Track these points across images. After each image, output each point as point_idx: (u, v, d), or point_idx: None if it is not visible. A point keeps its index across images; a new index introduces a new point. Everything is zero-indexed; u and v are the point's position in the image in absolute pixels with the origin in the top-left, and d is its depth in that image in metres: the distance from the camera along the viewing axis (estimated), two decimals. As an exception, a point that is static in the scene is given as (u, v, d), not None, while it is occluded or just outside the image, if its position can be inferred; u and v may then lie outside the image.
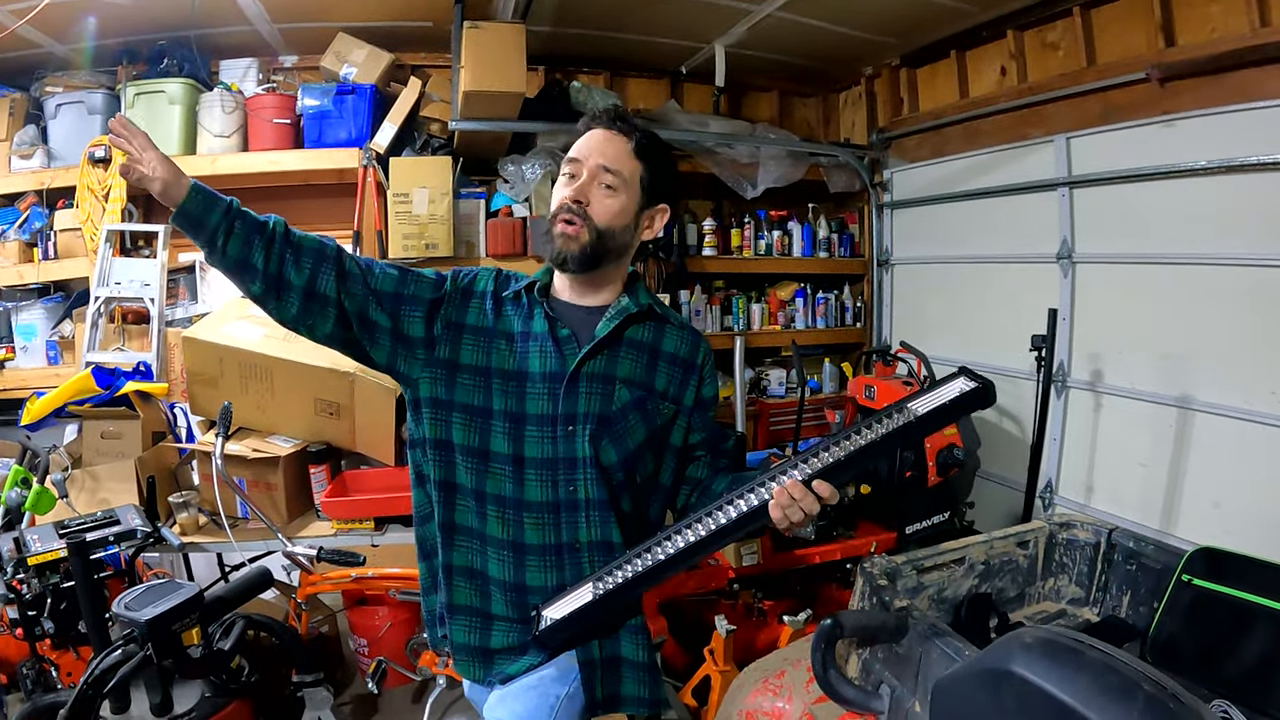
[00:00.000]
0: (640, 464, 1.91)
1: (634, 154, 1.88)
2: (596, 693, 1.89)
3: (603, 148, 1.87)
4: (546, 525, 1.86)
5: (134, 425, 3.59)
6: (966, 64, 4.93)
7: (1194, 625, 2.13)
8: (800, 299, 5.80)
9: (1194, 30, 3.63)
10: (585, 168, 1.85)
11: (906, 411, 1.61)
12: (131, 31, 4.39)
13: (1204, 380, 3.64)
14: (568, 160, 1.89)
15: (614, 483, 1.88)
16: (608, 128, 1.89)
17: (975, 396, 1.60)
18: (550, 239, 1.86)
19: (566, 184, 1.87)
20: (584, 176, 1.85)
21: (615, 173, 1.85)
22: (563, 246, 1.84)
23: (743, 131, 5.34)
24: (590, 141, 1.89)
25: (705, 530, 1.71)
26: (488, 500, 1.87)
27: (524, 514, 1.85)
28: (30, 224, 4.46)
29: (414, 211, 4.39)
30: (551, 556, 1.87)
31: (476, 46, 3.97)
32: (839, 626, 1.63)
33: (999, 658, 1.28)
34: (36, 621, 2.79)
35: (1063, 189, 4.24)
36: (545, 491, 1.85)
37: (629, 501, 1.93)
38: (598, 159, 1.85)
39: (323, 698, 3.02)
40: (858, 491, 3.94)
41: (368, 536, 3.43)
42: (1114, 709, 1.12)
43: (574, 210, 1.83)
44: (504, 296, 1.94)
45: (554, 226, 1.86)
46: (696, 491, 2.00)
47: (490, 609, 1.91)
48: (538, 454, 1.84)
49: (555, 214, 1.86)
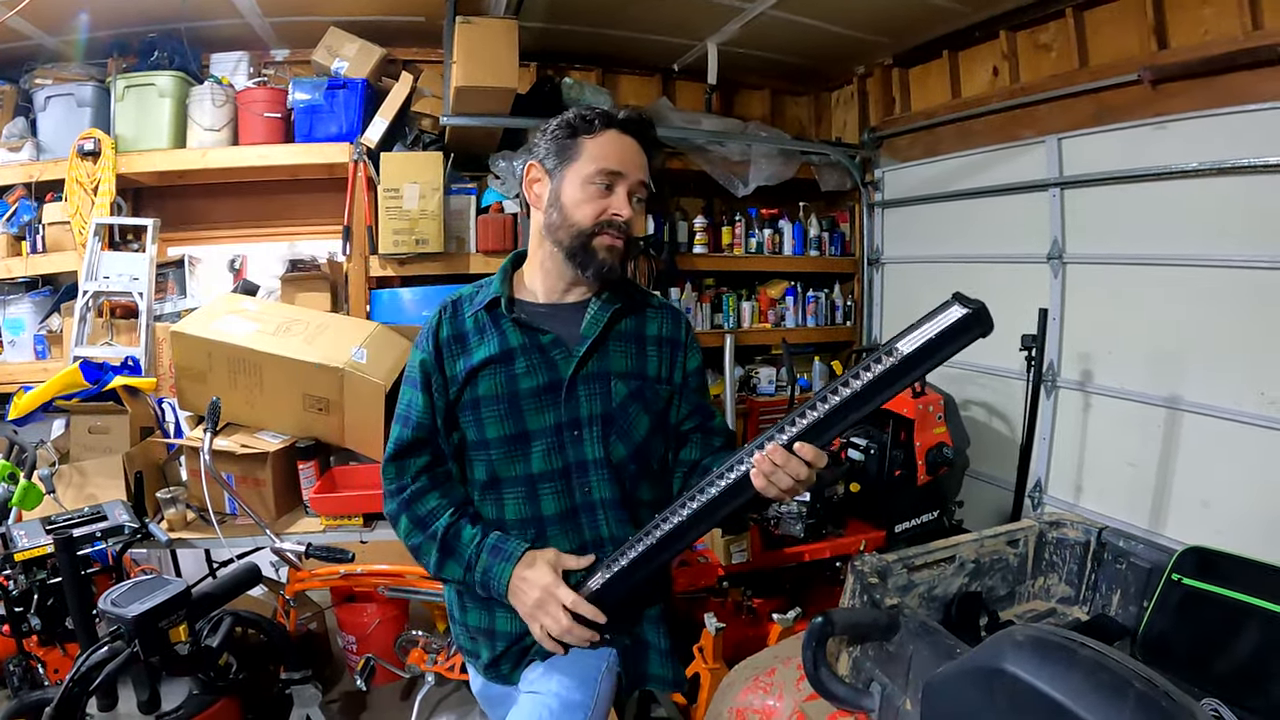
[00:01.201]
0: (652, 452, 1.93)
1: (650, 164, 1.88)
2: (627, 673, 1.91)
3: (639, 162, 1.84)
4: (570, 532, 1.87)
5: (122, 420, 3.57)
6: (959, 64, 4.95)
7: (1183, 624, 2.14)
8: (791, 297, 5.80)
9: (1186, 32, 3.64)
10: (627, 183, 1.82)
11: (894, 353, 1.45)
12: (122, 24, 4.39)
13: (1193, 381, 3.65)
14: (605, 172, 1.81)
15: (627, 476, 1.89)
16: (638, 138, 1.86)
17: (969, 323, 1.42)
18: (591, 253, 1.83)
19: (603, 195, 1.81)
20: (624, 193, 1.82)
21: (647, 187, 1.85)
22: (610, 260, 1.83)
23: (734, 129, 5.34)
24: (627, 153, 1.83)
25: (689, 511, 1.66)
26: (508, 527, 1.89)
27: (546, 529, 1.87)
28: (18, 217, 4.44)
29: (404, 207, 4.37)
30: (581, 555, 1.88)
31: (468, 42, 3.96)
32: (830, 624, 1.63)
33: (991, 656, 1.28)
34: (23, 618, 2.78)
35: (1054, 189, 4.25)
36: (561, 501, 1.86)
37: (649, 490, 1.94)
38: (639, 174, 1.83)
39: (311, 695, 3.01)
40: (847, 490, 3.94)
41: (356, 533, 3.42)
42: (1106, 707, 1.12)
43: (625, 229, 1.82)
44: (465, 329, 1.92)
45: (596, 240, 1.82)
46: (694, 474, 1.96)
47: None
48: (546, 466, 1.85)
49: (601, 226, 1.82)
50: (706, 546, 3.58)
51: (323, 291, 4.52)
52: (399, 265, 4.59)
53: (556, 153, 1.86)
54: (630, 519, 1.89)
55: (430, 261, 4.59)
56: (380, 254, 4.52)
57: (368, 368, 3.43)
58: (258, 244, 5.13)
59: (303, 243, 5.03)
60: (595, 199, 1.81)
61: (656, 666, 1.94)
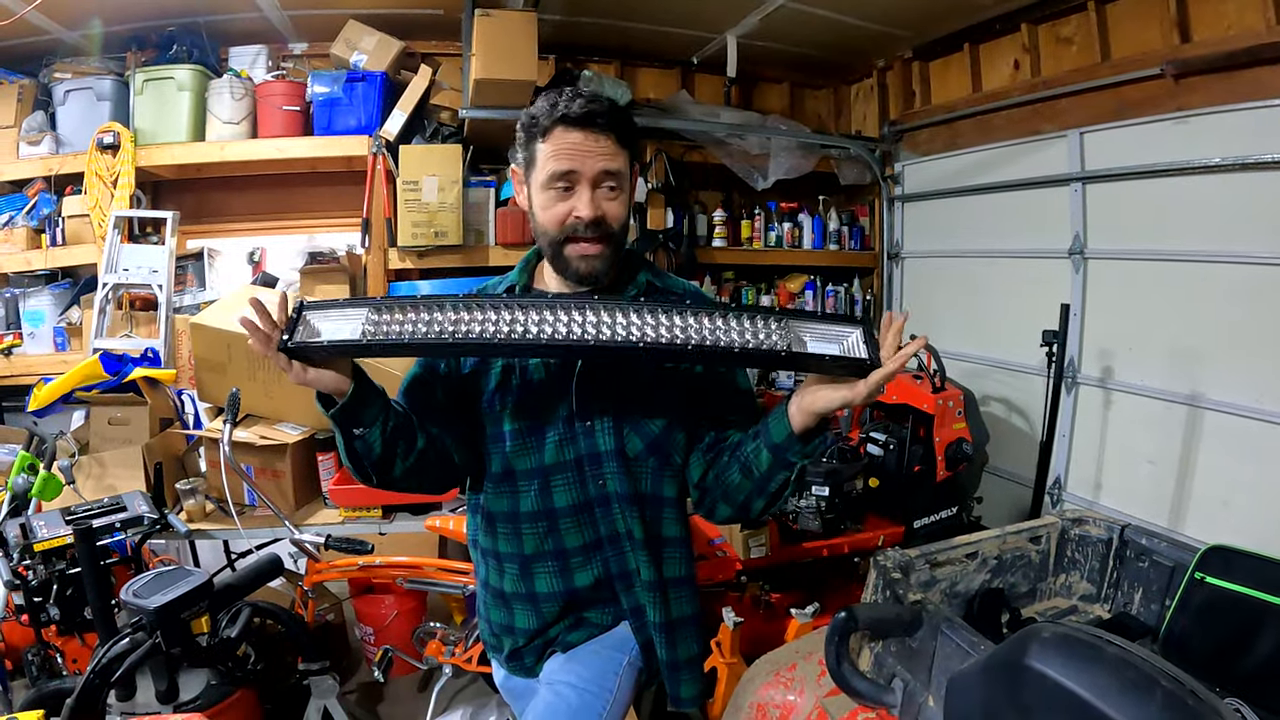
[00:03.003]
0: (673, 446, 1.86)
1: (619, 145, 1.76)
2: (653, 665, 1.91)
3: (595, 152, 1.72)
4: (585, 525, 1.86)
5: (141, 412, 3.59)
6: (979, 57, 4.91)
7: (1206, 623, 2.12)
8: (810, 291, 5.79)
9: (1209, 26, 3.61)
10: (584, 179, 1.72)
11: (788, 330, 1.53)
12: (140, 18, 4.40)
13: (1215, 378, 3.62)
14: (557, 174, 1.72)
15: (646, 471, 1.85)
16: (587, 127, 1.72)
17: (853, 367, 1.51)
18: (565, 261, 1.77)
19: (563, 198, 1.74)
20: (586, 189, 1.73)
21: (616, 174, 1.75)
22: (589, 269, 1.76)
23: (753, 123, 5.32)
24: (578, 149, 1.71)
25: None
26: (521, 519, 1.86)
27: (558, 521, 1.85)
28: (38, 210, 4.47)
29: (423, 200, 4.38)
30: (595, 553, 1.87)
31: (487, 34, 3.97)
32: (853, 619, 1.62)
33: (1015, 652, 1.27)
34: (42, 608, 2.80)
35: (1075, 184, 4.21)
36: (574, 493, 1.84)
37: (672, 486, 1.89)
38: (597, 164, 1.72)
39: (328, 686, 3.01)
40: (866, 485, 3.93)
41: (376, 524, 3.43)
42: (1133, 705, 1.10)
43: (594, 230, 1.73)
44: None
45: (568, 249, 1.76)
46: (728, 452, 1.81)
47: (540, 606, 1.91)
48: (559, 458, 1.82)
49: (565, 235, 1.75)
50: (724, 540, 3.57)
51: (341, 284, 4.52)
52: (418, 258, 4.60)
53: (524, 160, 1.82)
54: (646, 516, 1.85)
55: (449, 254, 4.59)
56: (399, 246, 4.53)
57: (388, 360, 3.43)
58: (277, 236, 5.16)
59: (321, 235, 5.06)
60: (555, 203, 1.74)
61: (680, 685, 1.93)
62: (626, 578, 1.87)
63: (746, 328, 1.54)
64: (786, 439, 1.64)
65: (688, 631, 1.93)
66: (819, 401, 1.57)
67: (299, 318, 1.56)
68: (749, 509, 1.77)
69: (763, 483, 1.70)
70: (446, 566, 3.28)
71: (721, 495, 1.80)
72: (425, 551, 3.98)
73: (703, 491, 1.87)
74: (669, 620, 1.89)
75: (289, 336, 1.53)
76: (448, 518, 3.37)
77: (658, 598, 1.86)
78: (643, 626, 1.89)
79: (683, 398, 1.86)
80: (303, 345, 1.53)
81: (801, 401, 1.60)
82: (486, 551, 1.95)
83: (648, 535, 1.84)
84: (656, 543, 1.86)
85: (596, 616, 1.92)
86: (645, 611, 1.87)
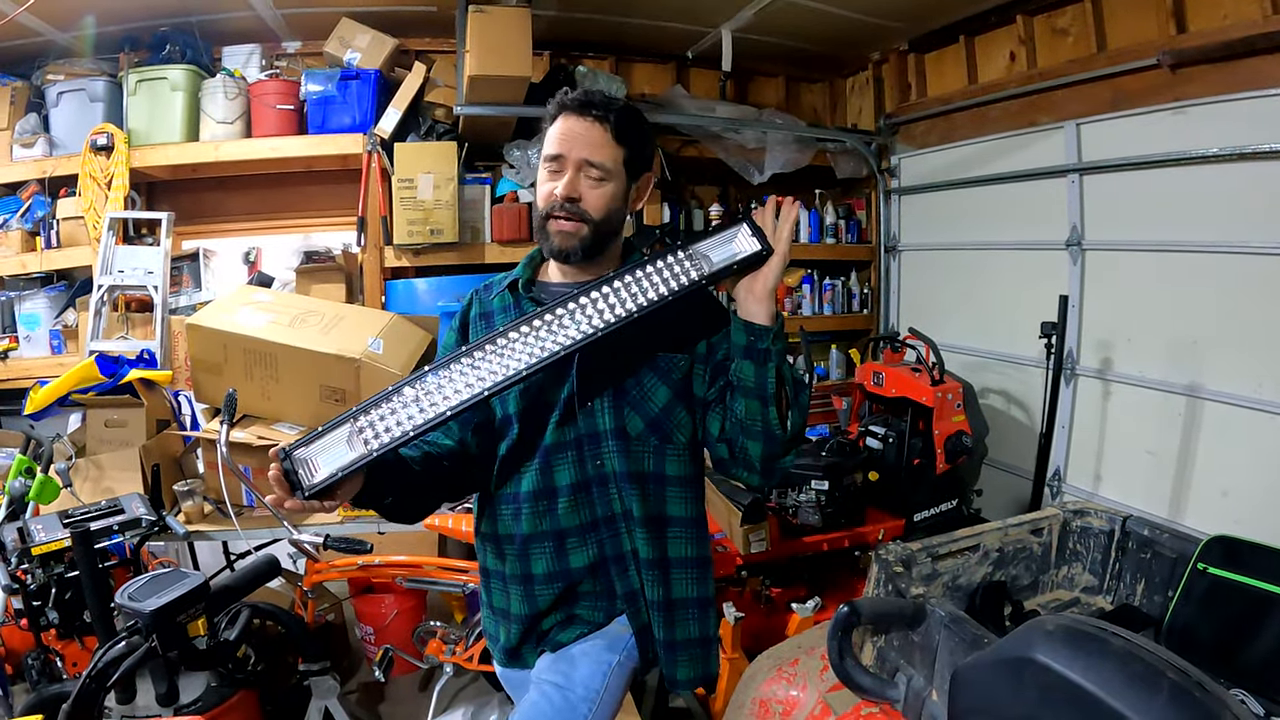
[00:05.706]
0: (674, 425, 1.88)
1: (614, 140, 1.82)
2: (649, 650, 1.90)
3: (583, 139, 1.81)
4: (581, 505, 1.85)
5: (138, 413, 3.58)
6: (975, 49, 4.91)
7: (1209, 614, 2.12)
8: (807, 285, 5.78)
9: (1205, 17, 3.60)
10: (569, 163, 1.80)
11: (695, 256, 1.72)
12: (133, 18, 4.39)
13: (1213, 368, 3.62)
14: (548, 158, 1.84)
15: (647, 450, 1.86)
16: (582, 115, 1.82)
17: (754, 260, 1.73)
18: (547, 236, 1.84)
19: (549, 179, 1.83)
20: (569, 172, 1.80)
21: (599, 165, 1.81)
22: (563, 244, 1.82)
23: (749, 117, 5.32)
24: (569, 134, 1.81)
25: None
26: (522, 500, 1.87)
27: (557, 499, 1.85)
28: (32, 213, 4.46)
29: (419, 197, 4.37)
30: (590, 534, 1.86)
31: (481, 31, 3.95)
32: (856, 614, 1.61)
33: (1020, 645, 1.26)
34: (41, 612, 2.79)
35: (1073, 175, 4.21)
36: (573, 472, 1.84)
37: (675, 466, 1.89)
38: (580, 153, 1.80)
39: (329, 686, 3.00)
40: (865, 479, 3.93)
41: (375, 524, 3.42)
42: (1139, 697, 1.10)
43: (569, 208, 1.80)
44: (491, 308, 1.95)
45: (549, 224, 1.83)
46: (728, 392, 1.83)
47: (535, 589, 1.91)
48: (559, 438, 1.84)
49: (547, 211, 1.83)
50: (725, 535, 3.57)
51: (338, 283, 4.52)
52: (414, 256, 4.59)
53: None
54: (647, 494, 1.86)
55: (445, 251, 4.59)
56: (395, 244, 4.52)
57: (384, 358, 3.42)
58: (272, 236, 5.15)
59: (317, 234, 5.04)
60: (545, 182, 1.85)
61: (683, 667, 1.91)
62: (621, 561, 1.87)
63: (664, 269, 1.70)
64: (745, 333, 1.73)
65: (689, 613, 1.92)
66: (749, 292, 1.75)
67: (292, 464, 1.61)
68: (770, 431, 1.75)
69: (759, 391, 1.73)
70: (446, 565, 3.27)
71: (741, 431, 1.78)
72: (425, 550, 3.97)
73: (728, 443, 1.85)
74: (668, 599, 1.88)
75: (302, 487, 1.60)
76: (446, 516, 3.36)
77: (657, 576, 1.86)
78: (638, 611, 1.88)
79: (679, 376, 1.89)
80: (319, 485, 1.60)
81: (741, 305, 1.75)
82: (487, 536, 1.96)
83: (648, 514, 1.85)
84: (659, 522, 1.87)
85: (588, 613, 1.90)
86: (643, 592, 1.87)
